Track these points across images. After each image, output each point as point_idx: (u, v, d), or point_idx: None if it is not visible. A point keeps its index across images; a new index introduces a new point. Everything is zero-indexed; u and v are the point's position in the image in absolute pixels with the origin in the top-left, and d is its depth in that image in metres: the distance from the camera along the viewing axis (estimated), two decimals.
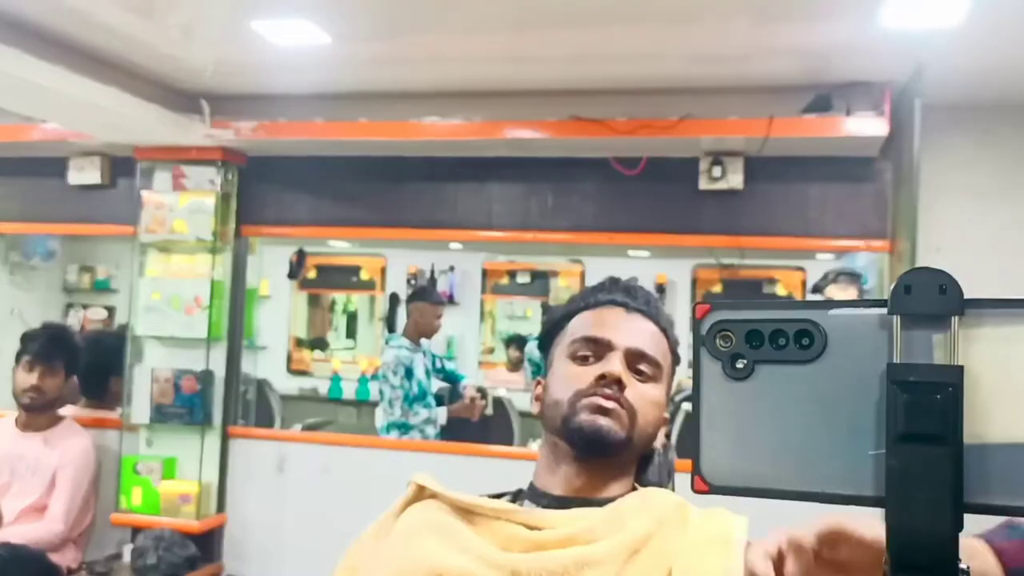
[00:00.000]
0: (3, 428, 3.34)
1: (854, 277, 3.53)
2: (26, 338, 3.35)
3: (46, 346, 3.30)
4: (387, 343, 4.46)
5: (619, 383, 1.12)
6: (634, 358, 1.15)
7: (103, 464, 3.52)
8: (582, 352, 1.16)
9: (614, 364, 1.13)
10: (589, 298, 1.23)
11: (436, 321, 4.36)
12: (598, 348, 1.15)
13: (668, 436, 1.31)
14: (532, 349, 5.92)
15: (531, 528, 1.07)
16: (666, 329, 1.21)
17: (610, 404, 1.11)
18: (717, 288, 6.53)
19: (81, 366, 3.64)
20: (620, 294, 1.21)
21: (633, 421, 1.12)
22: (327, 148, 3.64)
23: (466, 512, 1.13)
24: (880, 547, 0.70)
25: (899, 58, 2.86)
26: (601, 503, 1.11)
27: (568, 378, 1.15)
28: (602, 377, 1.12)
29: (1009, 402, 0.49)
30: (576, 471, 1.14)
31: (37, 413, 3.30)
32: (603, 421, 1.10)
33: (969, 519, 0.50)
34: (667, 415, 1.22)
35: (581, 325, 1.19)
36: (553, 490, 1.14)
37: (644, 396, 1.14)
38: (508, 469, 3.31)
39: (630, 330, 1.17)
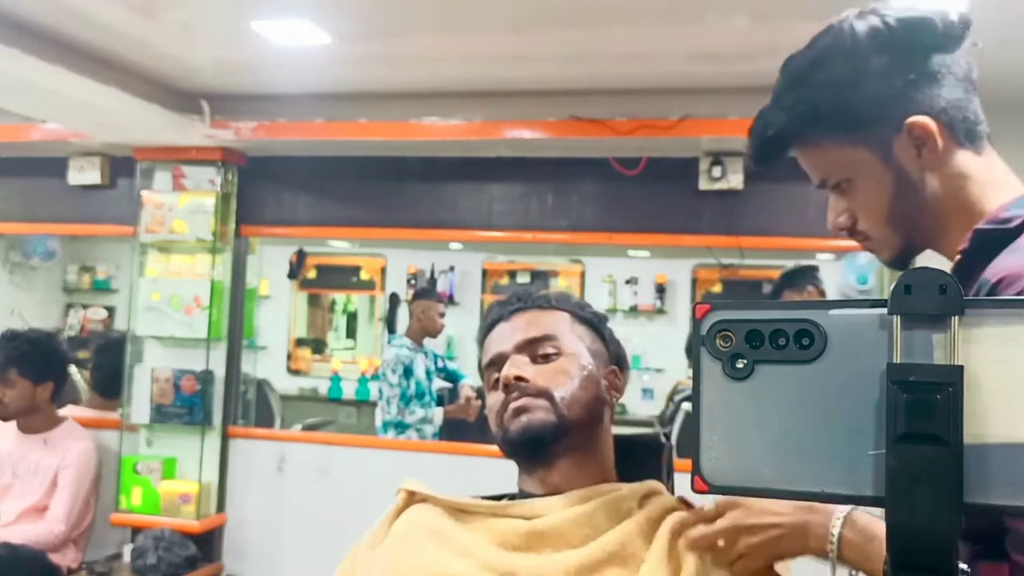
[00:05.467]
0: (4, 430, 3.34)
1: (806, 277, 3.42)
2: None
3: None
4: (389, 343, 4.47)
5: (519, 379, 1.16)
6: (527, 348, 1.20)
7: (103, 464, 3.52)
8: (493, 378, 1.22)
9: (506, 369, 1.18)
10: (481, 335, 1.29)
11: (439, 319, 4.36)
12: (499, 366, 1.21)
13: (668, 436, 1.32)
14: None
15: (528, 518, 1.08)
16: (555, 306, 1.25)
17: (520, 402, 1.15)
18: (717, 288, 6.53)
19: (99, 365, 3.63)
20: (496, 311, 1.27)
21: (552, 400, 1.15)
22: (327, 148, 3.63)
23: (460, 513, 1.13)
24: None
25: None
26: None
27: (491, 408, 1.21)
28: (505, 387, 1.17)
29: (1009, 402, 0.49)
30: (543, 473, 1.17)
31: (22, 419, 3.29)
32: (524, 419, 1.14)
33: None
34: (612, 368, 1.24)
35: (484, 358, 1.26)
36: (536, 491, 1.17)
37: (551, 370, 1.18)
38: (508, 469, 3.29)
39: (513, 330, 1.22)
